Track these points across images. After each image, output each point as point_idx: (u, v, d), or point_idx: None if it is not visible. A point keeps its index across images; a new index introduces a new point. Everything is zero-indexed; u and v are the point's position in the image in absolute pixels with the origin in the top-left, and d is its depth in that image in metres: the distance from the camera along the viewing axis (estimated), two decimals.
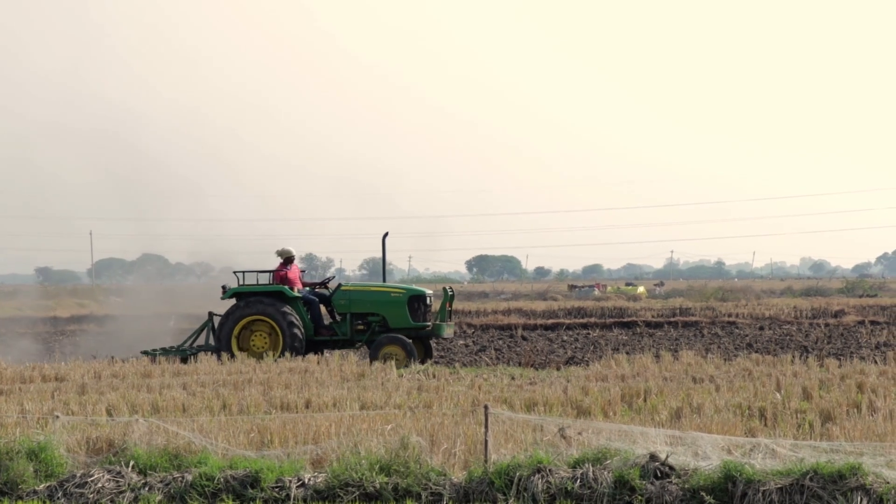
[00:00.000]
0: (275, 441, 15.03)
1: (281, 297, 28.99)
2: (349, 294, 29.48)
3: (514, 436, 14.57)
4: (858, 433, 14.77)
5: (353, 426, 15.36)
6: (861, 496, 12.16)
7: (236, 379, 23.12)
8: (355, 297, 29.40)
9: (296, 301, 29.06)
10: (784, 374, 22.00)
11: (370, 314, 29.24)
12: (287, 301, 28.95)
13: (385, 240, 30.29)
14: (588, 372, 24.13)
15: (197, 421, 16.13)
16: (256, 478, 13.46)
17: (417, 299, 29.31)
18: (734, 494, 12.52)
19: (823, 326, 42.06)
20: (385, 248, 30.36)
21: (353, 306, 29.28)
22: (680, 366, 24.61)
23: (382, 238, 30.28)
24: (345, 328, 29.26)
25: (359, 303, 29.30)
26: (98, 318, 54.53)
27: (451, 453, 14.02)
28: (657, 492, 12.69)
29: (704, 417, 16.40)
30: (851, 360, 26.08)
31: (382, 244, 30.26)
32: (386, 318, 29.06)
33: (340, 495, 13.18)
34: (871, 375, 21.49)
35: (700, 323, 44.74)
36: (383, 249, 30.37)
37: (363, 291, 29.75)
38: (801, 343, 33.84)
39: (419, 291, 29.71)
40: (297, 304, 29.06)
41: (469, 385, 21.92)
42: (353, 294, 29.50)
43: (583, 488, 12.85)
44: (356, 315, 29.29)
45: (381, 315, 29.12)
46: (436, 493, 13.13)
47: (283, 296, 29.00)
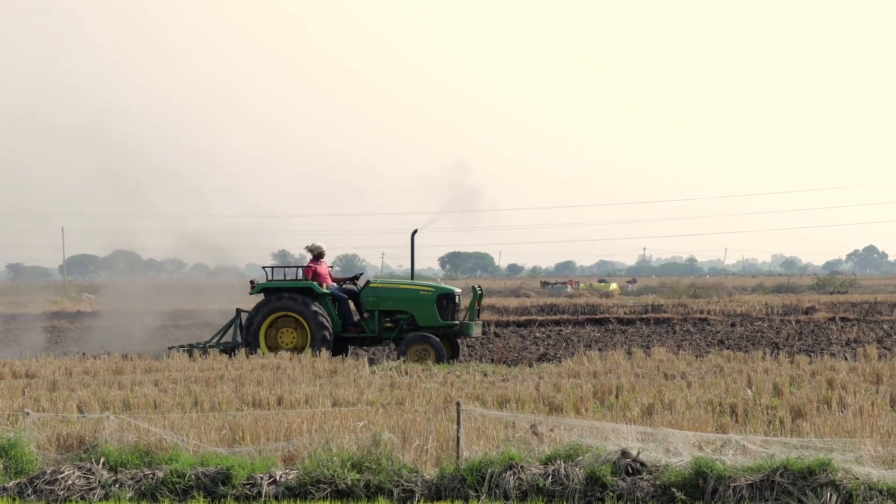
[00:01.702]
0: (246, 438, 15.01)
1: (310, 294, 28.74)
2: (378, 291, 29.26)
3: (486, 432, 14.58)
4: (828, 429, 14.84)
5: (326, 423, 15.35)
6: (830, 492, 12.22)
7: (208, 376, 23.06)
8: (384, 295, 29.18)
9: (325, 297, 28.82)
10: (755, 371, 22.08)
11: (399, 312, 29.04)
12: (316, 297, 28.70)
13: (414, 237, 30.00)
14: (560, 369, 24.17)
15: (168, 418, 16.09)
16: (228, 475, 13.43)
17: (446, 297, 29.14)
18: (705, 490, 12.56)
19: (794, 323, 42.22)
20: (414, 245, 30.07)
21: (381, 303, 29.07)
22: (652, 362, 24.67)
23: (411, 235, 29.95)
24: (373, 325, 29.02)
25: (387, 300, 29.09)
26: (70, 314, 54.30)
27: (423, 450, 14.02)
28: (628, 488, 12.72)
29: (676, 414, 16.44)
30: (822, 356, 26.19)
31: (411, 241, 29.97)
32: (414, 315, 28.88)
33: (312, 492, 13.17)
34: (842, 372, 21.58)
35: (672, 320, 44.85)
36: (412, 247, 30.05)
37: (392, 289, 29.52)
38: (772, 340, 33.96)
39: (448, 290, 29.52)
40: (326, 300, 28.82)
41: (441, 382, 21.92)
42: (382, 291, 29.29)
43: (554, 485, 12.87)
44: (384, 312, 29.09)
45: (409, 313, 28.93)
46: (407, 489, 13.13)
47: (313, 292, 28.75)
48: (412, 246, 30.00)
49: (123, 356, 28.49)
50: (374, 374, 23.55)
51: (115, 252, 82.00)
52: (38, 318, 51.79)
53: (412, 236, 29.94)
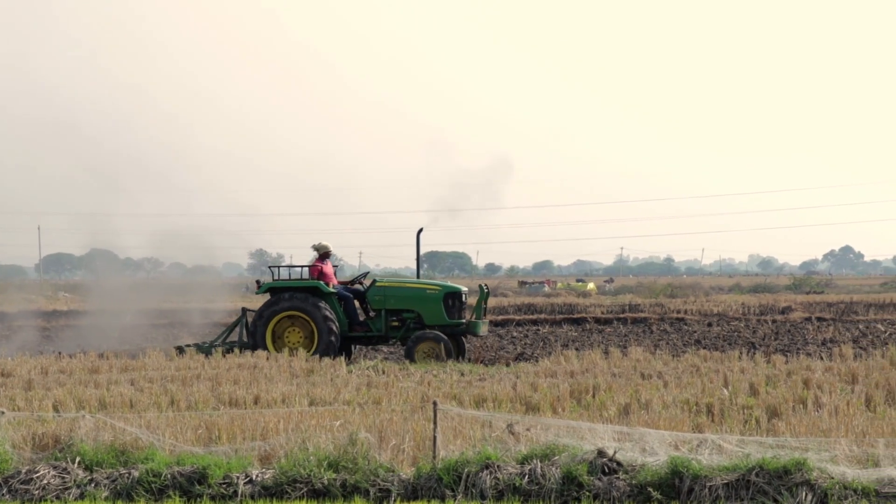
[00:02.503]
0: (223, 437, 14.97)
1: (317, 293, 28.60)
2: (384, 290, 29.14)
3: (462, 432, 14.59)
4: (804, 429, 14.89)
5: (302, 422, 15.33)
6: (806, 491, 12.26)
7: (185, 375, 23.01)
8: (390, 294, 29.07)
9: (331, 297, 28.67)
10: (731, 371, 22.14)
11: (405, 310, 28.94)
12: (323, 297, 28.56)
13: (419, 235, 29.91)
14: (537, 368, 24.19)
15: (144, 417, 16.04)
16: (204, 474, 13.39)
17: (453, 296, 29.06)
18: (681, 490, 12.59)
19: (771, 323, 42.32)
20: (419, 243, 29.96)
21: (388, 302, 28.96)
22: (629, 362, 24.71)
23: (417, 233, 29.87)
24: (379, 324, 28.92)
25: (394, 299, 28.99)
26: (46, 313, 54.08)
27: (399, 449, 14.01)
28: (605, 487, 12.74)
29: (652, 413, 16.47)
30: (798, 356, 26.28)
31: (417, 239, 29.89)
32: (421, 314, 28.79)
33: (288, 492, 13.15)
34: (817, 371, 21.66)
35: (649, 319, 44.91)
36: (417, 245, 29.95)
37: (399, 287, 29.44)
38: (748, 339, 34.04)
39: (455, 288, 29.43)
40: (333, 299, 28.67)
41: (418, 381, 21.92)
42: (389, 290, 29.17)
43: (531, 484, 12.88)
44: (391, 311, 28.98)
45: (416, 311, 28.84)
46: (384, 489, 13.12)
47: (319, 291, 28.60)
48: (417, 244, 29.94)
49: (100, 355, 28.41)
50: (352, 374, 23.54)
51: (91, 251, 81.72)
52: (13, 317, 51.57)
53: (417, 235, 29.88)
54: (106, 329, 41.95)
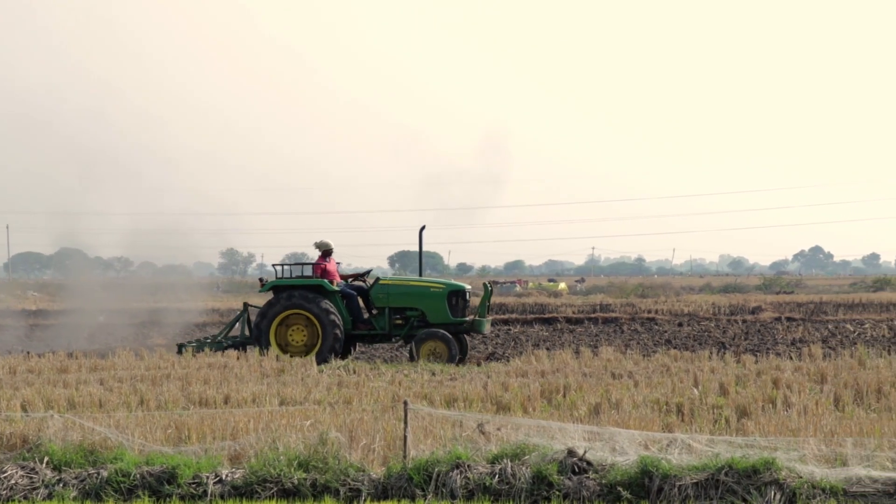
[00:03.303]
0: (192, 437, 14.93)
1: (320, 291, 28.45)
2: (388, 288, 29.03)
3: (433, 431, 14.58)
4: (773, 428, 14.95)
5: (272, 422, 15.31)
6: (774, 491, 12.31)
7: (154, 374, 22.93)
8: (394, 291, 28.96)
9: (335, 295, 28.55)
10: (701, 370, 22.20)
11: (409, 308, 28.80)
12: (327, 295, 28.42)
13: (422, 233, 29.79)
14: (508, 368, 24.21)
15: (113, 417, 15.99)
16: (173, 474, 13.36)
17: (457, 294, 28.95)
18: (651, 489, 12.62)
19: (741, 323, 42.49)
20: (422, 241, 29.85)
21: (391, 300, 28.82)
22: (599, 362, 24.76)
23: (419, 231, 29.76)
24: (383, 322, 28.77)
25: (397, 297, 28.86)
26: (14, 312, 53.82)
27: (370, 449, 14.01)
28: (575, 487, 12.76)
29: (622, 413, 16.51)
30: (767, 356, 26.39)
31: (419, 237, 29.79)
32: (425, 312, 28.65)
33: (258, 491, 13.12)
34: (787, 371, 21.75)
35: (620, 319, 45.01)
36: (420, 243, 29.84)
37: (402, 285, 29.35)
38: (718, 339, 34.16)
39: (459, 286, 29.33)
40: (336, 297, 28.55)
41: (389, 381, 21.91)
42: (392, 288, 29.07)
43: (501, 484, 12.89)
44: (394, 309, 28.84)
45: (419, 309, 28.70)
46: (354, 488, 13.11)
47: (324, 289, 28.45)
48: (420, 242, 29.83)
49: (69, 355, 28.31)
50: (322, 373, 23.51)
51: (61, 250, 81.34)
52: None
53: (420, 232, 29.76)
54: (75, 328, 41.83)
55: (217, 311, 51.33)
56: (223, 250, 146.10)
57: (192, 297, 55.97)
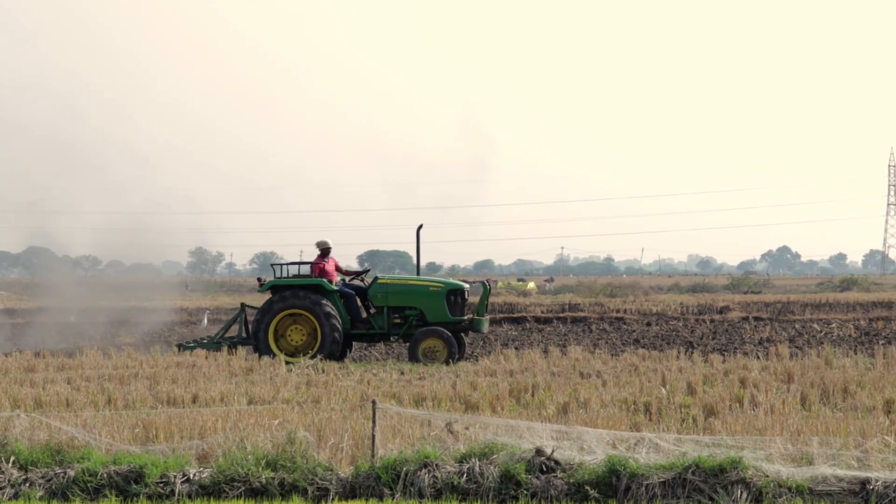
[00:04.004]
0: (160, 436, 14.90)
1: (319, 291, 28.31)
2: (387, 287, 28.88)
3: (401, 431, 14.59)
4: (740, 427, 15.02)
5: (241, 421, 15.29)
6: (741, 489, 12.37)
7: (122, 373, 22.87)
8: (393, 290, 28.82)
9: (333, 294, 28.42)
10: (669, 370, 22.29)
11: (407, 308, 28.68)
12: (325, 294, 28.28)
13: (419, 232, 29.69)
14: (477, 367, 24.25)
15: (81, 416, 15.95)
16: (140, 473, 13.31)
17: (455, 293, 28.86)
18: (618, 488, 12.66)
19: (709, 322, 42.65)
20: (419, 240, 29.74)
21: (390, 299, 28.68)
22: (568, 361, 24.82)
23: (417, 230, 29.63)
24: (381, 322, 28.63)
25: (396, 296, 28.73)
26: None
27: (338, 448, 14.00)
28: (542, 486, 12.78)
29: (591, 412, 16.56)
30: (735, 355, 26.51)
31: (417, 236, 29.65)
32: (424, 311, 28.53)
33: (226, 490, 13.09)
34: (754, 371, 21.86)
35: (589, 319, 45.11)
36: (417, 242, 29.68)
37: (401, 284, 29.24)
38: (686, 339, 34.28)
39: (457, 285, 29.24)
40: (335, 297, 28.42)
41: (358, 380, 21.91)
42: (391, 287, 28.93)
43: (469, 483, 12.90)
44: (393, 308, 28.70)
45: (418, 309, 28.58)
46: (322, 487, 13.10)
47: (323, 289, 28.32)
48: (417, 241, 29.74)
49: (36, 354, 28.18)
50: (291, 372, 23.49)
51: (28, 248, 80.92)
52: None
53: (417, 231, 29.67)
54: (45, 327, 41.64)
55: (185, 311, 51.20)
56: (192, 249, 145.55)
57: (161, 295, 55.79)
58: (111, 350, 28.52)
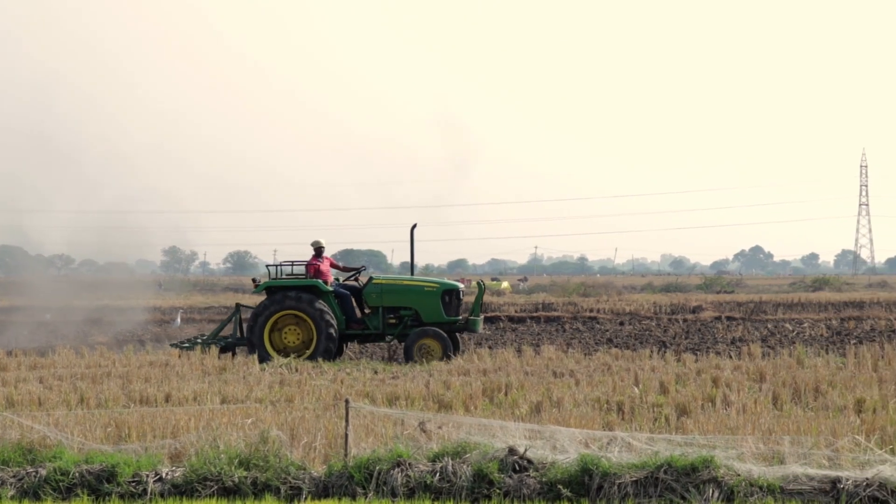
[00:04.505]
0: (133, 435, 14.86)
1: (314, 291, 28.22)
2: (381, 287, 28.80)
3: (374, 430, 14.60)
4: (712, 426, 15.08)
5: (213, 420, 15.27)
6: (713, 488, 12.42)
7: (95, 372, 22.81)
8: (388, 291, 28.73)
9: (329, 295, 28.34)
10: (642, 369, 22.35)
11: (402, 308, 28.64)
12: (320, 295, 28.20)
13: (413, 231, 29.60)
14: (450, 366, 24.27)
15: (53, 415, 15.90)
16: (113, 472, 13.28)
17: (450, 293, 28.85)
18: (590, 487, 12.69)
19: (682, 322, 42.76)
20: (413, 239, 29.66)
21: (385, 299, 28.60)
22: (541, 360, 24.87)
23: (411, 230, 29.56)
24: (376, 322, 28.56)
25: (391, 296, 28.65)
26: None
27: (311, 447, 14.00)
28: (515, 485, 12.81)
29: (564, 411, 16.59)
30: (707, 355, 26.58)
31: (411, 236, 29.58)
32: (419, 311, 28.52)
33: (198, 490, 13.07)
34: (726, 370, 21.94)
35: (562, 318, 45.16)
36: (412, 241, 29.63)
37: (396, 285, 29.11)
38: (659, 338, 34.35)
39: (452, 285, 29.23)
40: (330, 297, 28.33)
41: (331, 379, 21.90)
42: (386, 287, 28.84)
43: (442, 482, 12.92)
44: (388, 308, 28.62)
45: (413, 309, 28.56)
46: (295, 486, 13.10)
47: (317, 290, 28.23)
48: (412, 240, 29.67)
49: (8, 353, 28.05)
50: (264, 372, 23.47)
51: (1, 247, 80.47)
52: None
53: (412, 231, 29.59)
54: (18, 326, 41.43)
55: (159, 310, 51.07)
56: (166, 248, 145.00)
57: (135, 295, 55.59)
58: (84, 349, 28.42)
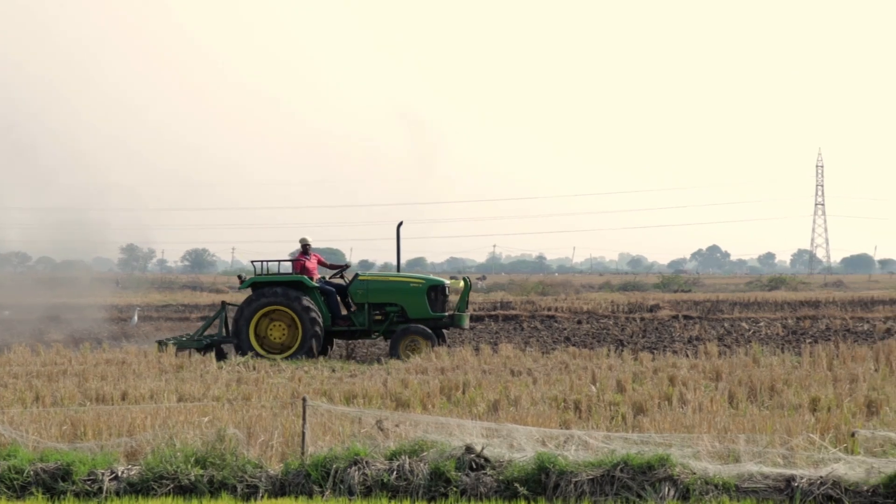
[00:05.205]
0: (88, 433, 14.80)
1: (300, 288, 28.21)
2: (367, 284, 28.85)
3: (332, 428, 14.59)
4: (668, 425, 15.16)
5: (170, 418, 15.22)
6: (668, 487, 12.48)
7: (51, 370, 22.69)
8: (373, 287, 28.79)
9: (314, 291, 28.31)
10: (599, 367, 22.43)
11: (388, 304, 28.67)
12: (306, 291, 28.17)
13: (399, 229, 29.52)
14: (408, 365, 24.28)
15: (7, 413, 15.81)
16: (68, 470, 13.21)
17: (436, 289, 28.92)
18: (547, 485, 12.73)
19: (639, 321, 42.92)
20: (399, 236, 29.59)
21: (370, 296, 28.64)
22: (499, 359, 24.92)
23: (397, 227, 29.49)
24: (362, 318, 28.55)
25: (377, 293, 28.69)
26: None
27: (268, 445, 13.98)
28: (472, 483, 12.83)
29: (521, 410, 16.64)
30: (664, 353, 26.72)
31: (397, 233, 29.51)
32: (405, 308, 28.55)
33: (154, 488, 13.03)
34: (683, 369, 22.05)
35: (520, 317, 45.24)
36: (398, 238, 29.58)
37: (381, 281, 29.16)
38: (617, 337, 34.47)
39: (438, 281, 29.32)
40: (316, 294, 28.31)
41: (289, 377, 21.87)
42: (372, 284, 28.89)
43: (399, 480, 12.93)
44: (374, 305, 28.66)
45: (399, 305, 28.60)
46: (251, 485, 13.07)
47: (303, 286, 28.23)
48: (398, 238, 29.60)
49: None
50: (222, 370, 23.41)
51: None
52: None
53: (398, 228, 29.53)
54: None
55: (116, 308, 50.81)
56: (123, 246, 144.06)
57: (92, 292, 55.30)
58: (40, 347, 28.26)
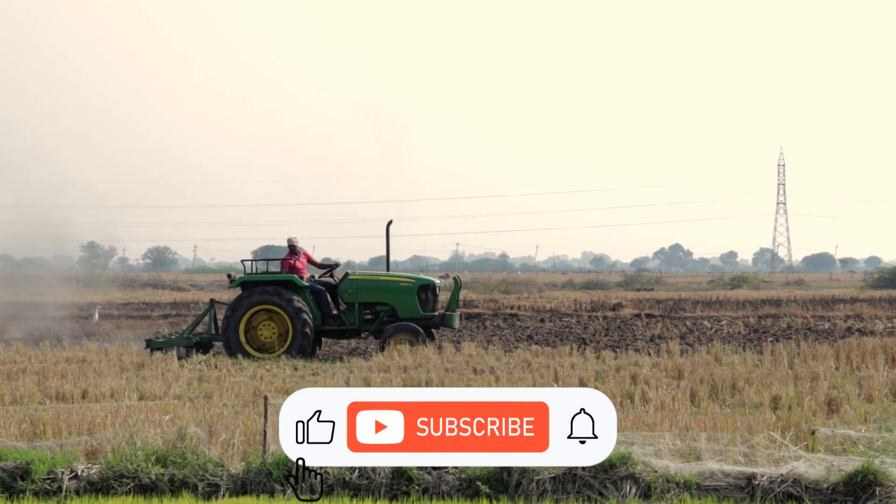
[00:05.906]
0: (48, 432, 14.72)
1: (290, 287, 28.15)
2: (357, 283, 28.74)
3: None
4: (630, 423, 15.20)
5: (130, 417, 15.16)
6: (630, 485, 12.52)
7: (10, 368, 22.55)
8: (363, 286, 28.68)
9: (304, 290, 28.24)
10: (562, 366, 22.47)
11: (378, 303, 28.59)
12: (296, 290, 28.10)
13: (389, 228, 29.43)
14: (371, 363, 24.26)
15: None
16: (27, 469, 13.12)
17: (426, 288, 28.88)
18: (509, 484, 12.73)
19: (601, 319, 43.00)
20: (389, 235, 29.49)
21: (360, 295, 28.56)
22: (462, 357, 24.92)
23: (386, 226, 29.39)
24: (352, 318, 28.47)
25: (367, 292, 28.61)
26: None
27: (229, 444, 13.94)
28: (434, 481, 12.82)
29: None
30: (627, 352, 26.79)
31: (386, 232, 29.42)
32: (395, 307, 28.49)
33: (115, 487, 12.96)
34: (645, 367, 22.12)
35: (483, 315, 45.25)
36: (387, 237, 29.45)
37: (371, 280, 29.03)
38: (579, 335, 34.54)
39: (429, 280, 29.30)
40: (306, 293, 28.24)
41: (251, 376, 21.82)
42: (362, 283, 28.77)
43: (361, 479, 12.91)
44: (364, 304, 28.57)
45: (389, 304, 28.52)
46: (213, 483, 13.02)
47: (294, 285, 28.17)
48: (387, 236, 29.52)
49: None
50: (183, 368, 23.33)
51: None
52: None
53: (387, 227, 29.44)
54: None
55: (77, 306, 50.55)
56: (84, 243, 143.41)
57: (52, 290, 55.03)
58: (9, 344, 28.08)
